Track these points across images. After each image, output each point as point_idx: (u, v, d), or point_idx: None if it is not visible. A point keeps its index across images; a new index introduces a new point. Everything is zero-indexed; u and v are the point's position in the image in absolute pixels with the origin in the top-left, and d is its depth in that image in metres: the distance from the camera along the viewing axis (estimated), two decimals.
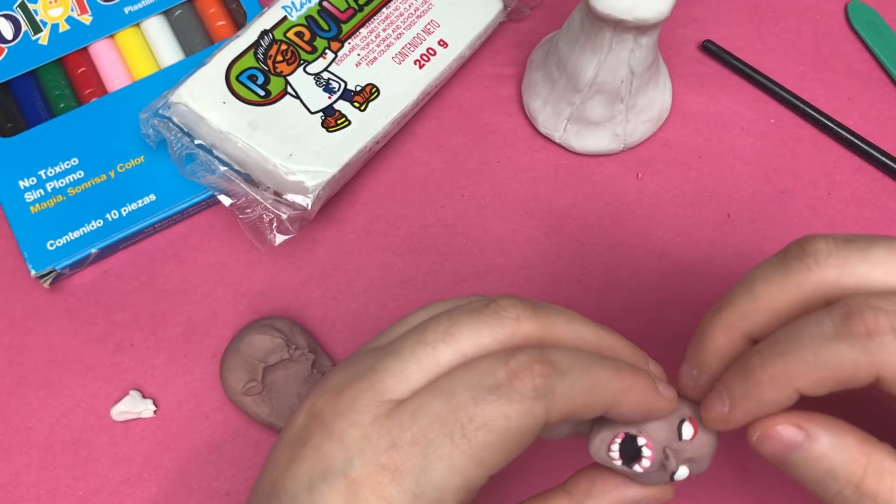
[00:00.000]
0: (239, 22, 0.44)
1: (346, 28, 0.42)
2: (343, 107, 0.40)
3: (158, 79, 0.42)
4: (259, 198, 0.37)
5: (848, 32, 0.46)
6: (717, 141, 0.43)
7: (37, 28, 0.42)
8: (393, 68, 0.41)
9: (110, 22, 0.43)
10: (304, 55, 0.41)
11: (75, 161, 0.40)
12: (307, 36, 0.41)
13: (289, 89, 0.40)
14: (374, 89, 0.40)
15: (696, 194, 0.42)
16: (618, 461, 0.25)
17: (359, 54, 0.41)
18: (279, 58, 0.40)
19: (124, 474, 0.36)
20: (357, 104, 0.40)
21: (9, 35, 0.42)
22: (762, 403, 0.24)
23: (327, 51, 0.41)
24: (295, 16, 0.41)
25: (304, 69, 0.40)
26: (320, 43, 0.41)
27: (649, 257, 0.41)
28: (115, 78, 0.42)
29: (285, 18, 0.41)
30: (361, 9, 0.42)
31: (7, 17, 0.42)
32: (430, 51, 0.42)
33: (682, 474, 0.26)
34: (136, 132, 0.40)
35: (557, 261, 0.40)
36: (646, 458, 0.25)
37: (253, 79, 0.40)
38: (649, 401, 0.25)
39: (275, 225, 0.37)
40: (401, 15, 0.42)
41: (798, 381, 0.23)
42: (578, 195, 0.42)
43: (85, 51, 0.43)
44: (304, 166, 0.38)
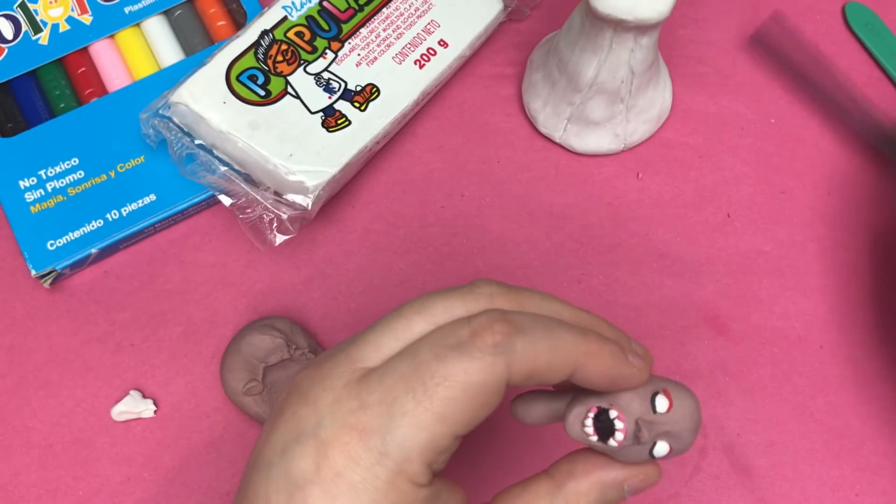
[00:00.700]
0: (239, 22, 0.44)
1: (346, 28, 0.42)
2: (343, 107, 0.40)
3: (158, 79, 0.42)
4: (259, 198, 0.37)
5: (846, 33, 0.46)
6: (718, 141, 0.43)
7: (37, 28, 0.42)
8: (393, 68, 0.41)
9: (110, 22, 0.43)
10: (304, 55, 0.41)
11: (75, 161, 0.40)
12: (307, 36, 0.41)
13: (289, 89, 0.40)
14: (375, 89, 0.40)
15: (697, 194, 0.42)
16: (593, 436, 0.25)
17: (359, 54, 0.41)
18: (279, 58, 0.40)
19: (124, 474, 0.36)
20: (357, 104, 0.40)
21: (9, 35, 0.42)
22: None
23: (327, 51, 0.41)
24: (295, 16, 0.41)
25: (305, 69, 0.40)
26: (320, 43, 0.41)
27: (649, 257, 0.41)
28: (115, 78, 0.42)
29: (285, 18, 0.41)
30: (362, 9, 0.42)
31: (7, 16, 0.42)
32: (431, 51, 0.42)
33: (662, 450, 0.25)
34: (137, 132, 0.40)
35: (557, 261, 0.41)
36: (618, 430, 0.25)
37: (253, 79, 0.40)
38: (617, 366, 0.25)
39: (275, 225, 0.37)
40: (401, 15, 0.42)
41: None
42: (578, 195, 0.42)
43: (85, 51, 0.43)
44: (305, 166, 0.38)
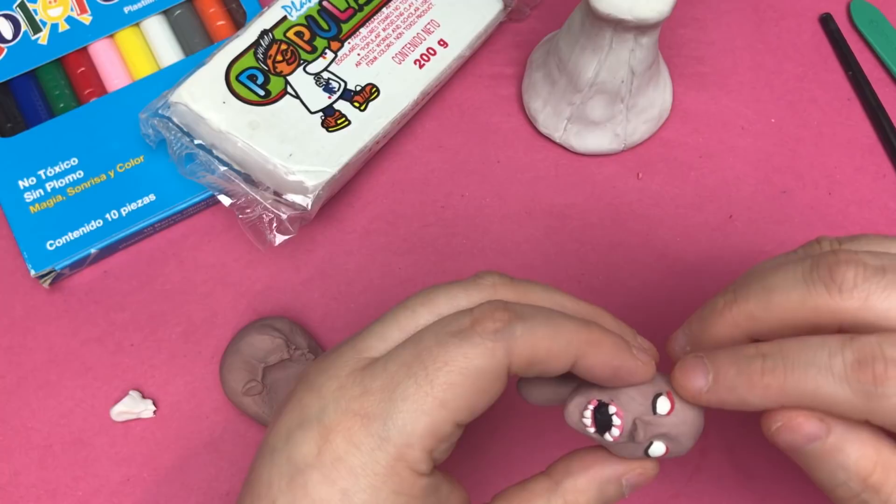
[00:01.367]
0: (239, 22, 0.44)
1: (346, 28, 0.42)
2: (343, 107, 0.40)
3: (158, 79, 0.42)
4: (259, 198, 0.37)
5: (850, 32, 0.46)
6: (718, 141, 0.43)
7: (36, 28, 0.42)
8: (393, 68, 0.41)
9: (110, 22, 0.43)
10: (303, 55, 0.41)
11: (75, 161, 0.40)
12: (307, 36, 0.41)
13: (289, 89, 0.40)
14: (374, 89, 0.40)
15: (697, 194, 0.42)
16: (590, 428, 0.25)
17: (359, 54, 0.41)
18: (279, 57, 0.40)
19: (124, 474, 0.36)
20: (357, 104, 0.40)
21: (8, 35, 0.42)
22: (742, 403, 0.24)
23: (327, 50, 0.41)
24: (295, 15, 0.41)
25: (304, 69, 0.40)
26: (320, 43, 0.41)
27: (650, 257, 0.41)
28: (114, 78, 0.42)
29: (285, 18, 0.41)
30: (361, 8, 0.42)
31: (7, 16, 0.42)
32: (430, 51, 0.42)
33: (658, 450, 0.25)
34: (136, 132, 0.40)
35: (558, 261, 0.40)
36: (615, 426, 0.25)
37: (253, 79, 0.40)
38: (620, 358, 0.25)
39: (275, 225, 0.37)
40: (401, 15, 0.42)
41: (787, 401, 0.23)
42: (579, 195, 0.42)
43: (84, 50, 0.43)
44: (304, 166, 0.38)
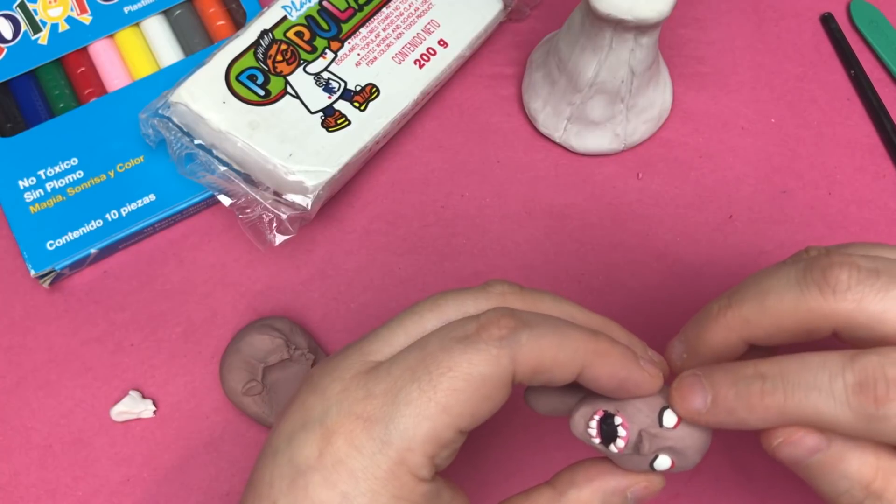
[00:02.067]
0: (239, 22, 0.44)
1: (346, 28, 0.42)
2: (343, 106, 0.40)
3: (158, 79, 0.42)
4: (259, 198, 0.37)
5: (851, 31, 0.46)
6: (718, 141, 0.43)
7: (36, 28, 0.42)
8: (393, 68, 0.41)
9: (110, 22, 0.43)
10: (303, 55, 0.41)
11: (75, 161, 0.40)
12: (307, 35, 0.41)
13: (289, 89, 0.40)
14: (374, 89, 0.40)
15: (697, 194, 0.42)
16: (595, 438, 0.25)
17: (359, 54, 0.41)
18: (279, 57, 0.40)
19: (124, 474, 0.36)
20: (357, 104, 0.40)
21: (8, 35, 0.42)
22: (741, 424, 0.24)
23: (327, 50, 0.41)
24: (295, 15, 0.41)
25: (304, 69, 0.40)
26: (320, 43, 0.41)
27: (650, 257, 0.41)
28: (114, 78, 0.42)
29: (285, 18, 0.41)
30: (361, 8, 0.42)
31: (6, 16, 0.42)
32: (430, 50, 0.42)
33: (664, 464, 0.25)
34: (136, 132, 0.40)
35: (557, 261, 0.40)
36: (620, 437, 0.25)
37: (253, 78, 0.40)
38: (627, 369, 0.25)
39: (275, 225, 0.37)
40: (401, 15, 0.42)
41: (787, 422, 0.23)
42: (579, 195, 0.42)
43: (84, 50, 0.43)
44: (304, 166, 0.38)
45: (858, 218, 0.42)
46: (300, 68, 0.40)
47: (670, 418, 0.25)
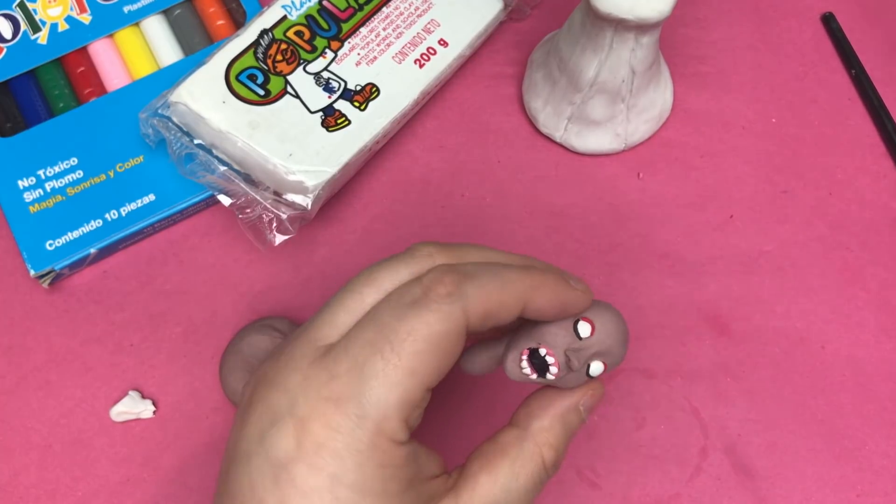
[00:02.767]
0: (238, 21, 0.44)
1: (346, 27, 0.42)
2: (343, 106, 0.40)
3: (158, 78, 0.42)
4: (259, 198, 0.37)
5: (852, 31, 0.46)
6: (719, 141, 0.43)
7: (36, 27, 0.42)
8: (393, 68, 0.41)
9: (109, 21, 0.43)
10: (303, 54, 0.41)
11: (74, 161, 0.40)
12: (307, 35, 0.41)
13: (288, 89, 0.40)
14: (374, 89, 0.40)
15: (698, 194, 0.42)
16: (532, 375, 0.27)
17: (359, 54, 0.41)
18: (279, 57, 0.40)
19: (124, 475, 0.36)
20: (357, 104, 0.40)
21: (8, 34, 0.42)
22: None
23: (327, 50, 0.41)
24: (295, 15, 0.41)
25: (304, 68, 0.40)
26: (320, 42, 0.41)
27: (650, 257, 0.41)
28: (114, 77, 0.42)
29: (285, 17, 0.41)
30: (361, 8, 0.42)
31: (6, 16, 0.42)
32: (431, 50, 0.42)
33: (598, 369, 0.27)
34: (136, 132, 0.40)
35: (558, 261, 0.40)
36: (551, 365, 0.26)
37: (253, 78, 0.39)
38: (562, 291, 0.26)
39: (275, 225, 0.37)
40: (401, 14, 0.42)
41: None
42: (579, 195, 0.42)
43: (84, 50, 0.43)
44: (304, 166, 0.38)
45: (859, 218, 0.41)
46: (300, 68, 0.40)
47: (584, 328, 0.27)
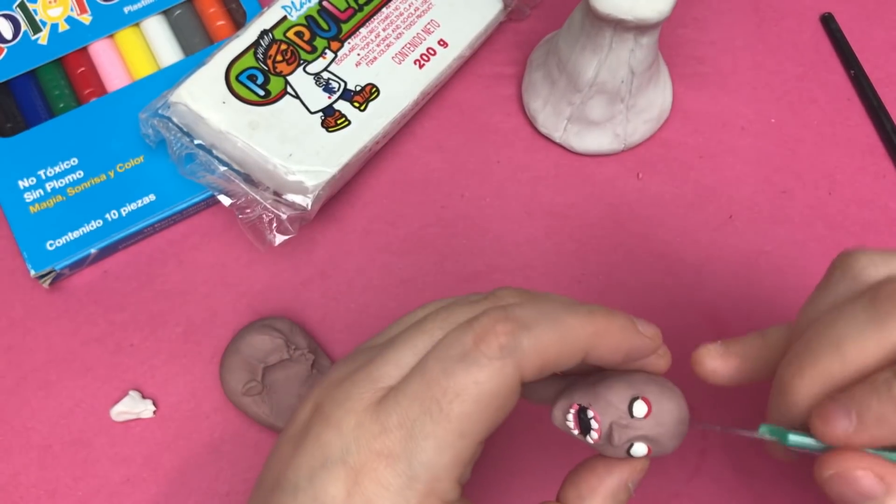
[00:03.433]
0: (238, 22, 0.44)
1: (345, 28, 0.42)
2: (343, 107, 0.40)
3: (158, 79, 0.42)
4: (259, 198, 0.37)
5: (851, 31, 0.46)
6: (718, 141, 0.43)
7: (36, 28, 0.42)
8: (393, 68, 0.41)
9: (110, 22, 0.43)
10: (303, 55, 0.41)
11: (75, 161, 0.40)
12: (307, 36, 0.41)
13: (288, 89, 0.40)
14: (374, 89, 0.40)
15: (697, 194, 0.42)
16: (574, 430, 0.26)
17: (359, 54, 0.41)
18: (279, 57, 0.40)
19: (124, 475, 0.36)
20: (357, 104, 0.40)
21: (8, 35, 0.42)
22: None
23: (327, 50, 0.41)
24: (295, 15, 0.41)
25: (304, 69, 0.40)
26: (320, 43, 0.41)
27: (650, 257, 0.41)
28: (114, 78, 0.42)
29: (285, 18, 0.41)
30: (361, 8, 0.42)
31: (6, 16, 0.42)
32: (430, 50, 0.42)
33: (640, 451, 0.26)
34: (136, 132, 0.40)
35: (557, 261, 0.40)
36: (594, 430, 0.25)
37: (253, 79, 0.40)
38: (628, 339, 0.25)
39: (274, 225, 0.37)
40: (401, 15, 0.42)
41: None
42: (579, 195, 0.42)
43: (84, 50, 0.43)
44: (304, 166, 0.38)
45: (858, 218, 0.41)
46: (300, 68, 0.40)
47: (640, 409, 0.25)
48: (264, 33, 0.41)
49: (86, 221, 0.39)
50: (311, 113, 0.39)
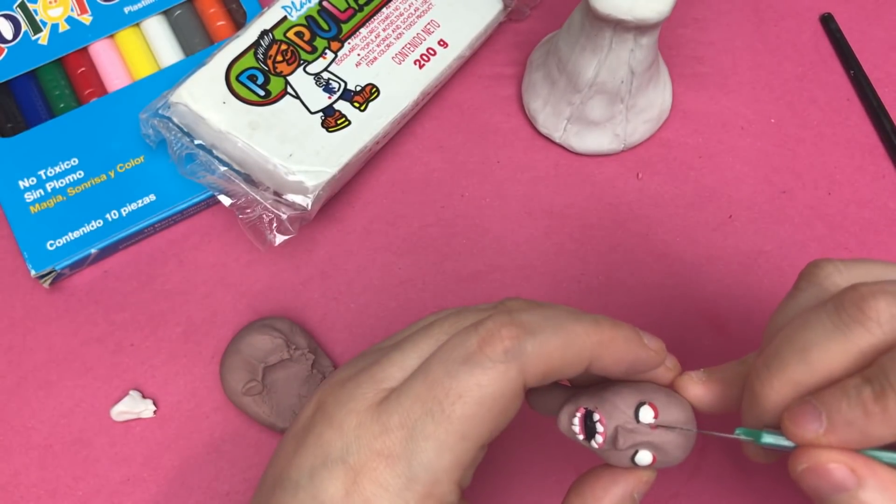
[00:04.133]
0: (239, 22, 0.44)
1: (346, 28, 0.42)
2: (343, 107, 0.40)
3: (158, 79, 0.42)
4: (259, 198, 0.37)
5: (851, 31, 0.46)
6: (717, 141, 0.43)
7: (37, 28, 0.42)
8: (393, 68, 0.41)
9: (110, 22, 0.43)
10: (304, 55, 0.41)
11: (75, 161, 0.40)
12: (307, 36, 0.41)
13: (289, 89, 0.40)
14: (374, 89, 0.40)
15: (696, 194, 0.42)
16: (579, 434, 0.26)
17: (359, 54, 0.41)
18: (279, 58, 0.40)
19: (124, 474, 0.36)
20: (357, 104, 0.40)
21: (9, 35, 0.42)
22: (866, 437, 0.22)
23: (327, 51, 0.41)
24: (295, 16, 0.41)
25: (304, 69, 0.40)
26: (320, 43, 0.41)
27: (649, 257, 0.41)
28: (114, 78, 0.42)
29: (285, 18, 0.41)
30: (361, 9, 0.42)
31: (7, 16, 0.42)
32: (430, 51, 0.42)
33: (644, 459, 0.25)
34: (136, 132, 0.40)
35: (557, 261, 0.40)
36: (599, 433, 0.25)
37: (253, 79, 0.40)
38: (632, 351, 0.24)
39: (275, 225, 0.37)
40: (401, 15, 0.42)
41: None
42: (578, 195, 0.42)
43: (85, 51, 0.43)
44: (304, 166, 0.38)
45: (858, 218, 0.42)
46: (300, 68, 0.40)
47: (646, 414, 0.25)
48: (264, 33, 0.41)
49: (86, 221, 0.39)
50: (312, 113, 0.39)
